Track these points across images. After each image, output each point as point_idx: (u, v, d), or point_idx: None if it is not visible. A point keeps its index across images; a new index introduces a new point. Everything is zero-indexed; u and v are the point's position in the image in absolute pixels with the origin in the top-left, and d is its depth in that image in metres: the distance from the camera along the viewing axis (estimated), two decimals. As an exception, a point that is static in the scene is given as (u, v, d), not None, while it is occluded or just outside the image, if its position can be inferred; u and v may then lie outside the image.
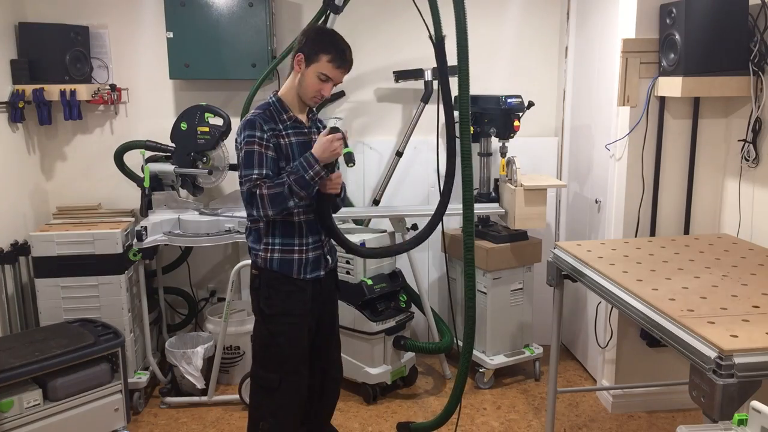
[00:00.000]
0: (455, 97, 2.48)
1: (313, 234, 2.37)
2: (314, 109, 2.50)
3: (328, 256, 2.46)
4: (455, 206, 3.81)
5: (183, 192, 3.53)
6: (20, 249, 3.28)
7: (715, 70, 2.73)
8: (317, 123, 2.49)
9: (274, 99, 2.35)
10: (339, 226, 3.59)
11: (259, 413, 2.42)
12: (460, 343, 3.63)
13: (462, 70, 2.46)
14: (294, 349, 2.37)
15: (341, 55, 2.28)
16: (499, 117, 3.37)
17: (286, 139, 2.30)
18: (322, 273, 2.41)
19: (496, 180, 3.58)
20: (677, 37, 2.73)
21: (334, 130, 2.25)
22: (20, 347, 2.70)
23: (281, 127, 2.30)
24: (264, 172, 2.21)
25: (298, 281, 2.35)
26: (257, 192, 2.17)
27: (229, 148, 3.53)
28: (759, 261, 2.42)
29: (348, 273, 3.29)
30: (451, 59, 3.74)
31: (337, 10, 3.26)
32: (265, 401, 2.39)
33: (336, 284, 2.60)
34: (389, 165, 3.77)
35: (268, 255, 2.33)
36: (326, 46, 2.26)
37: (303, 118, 2.39)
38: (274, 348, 2.36)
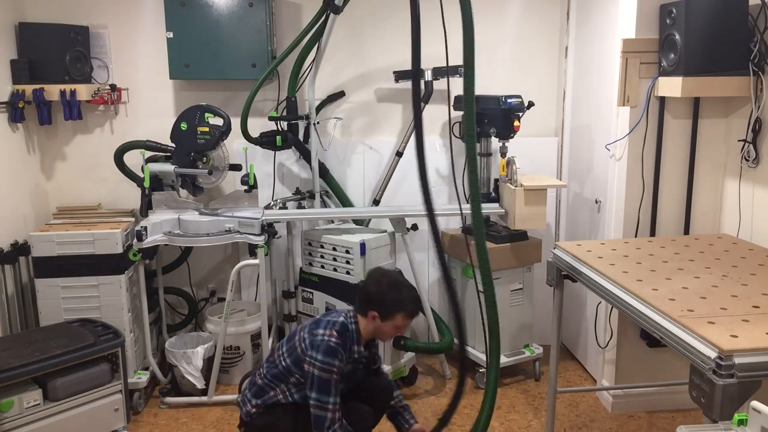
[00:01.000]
0: (456, 96, 2.43)
1: None
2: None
3: None
4: (455, 206, 3.81)
5: (183, 192, 3.53)
6: (20, 249, 3.28)
7: (715, 70, 2.73)
8: (371, 349, 2.57)
9: (353, 328, 2.42)
10: (339, 226, 3.63)
11: None
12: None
13: (468, 69, 2.40)
14: None
15: (416, 307, 2.45)
16: (499, 117, 3.37)
17: (345, 368, 2.41)
18: None
19: (496, 180, 3.58)
20: (677, 37, 2.73)
21: None
22: (20, 347, 2.70)
23: (348, 354, 2.40)
24: (338, 401, 2.32)
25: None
26: (331, 428, 2.29)
27: (229, 148, 3.54)
28: (759, 261, 2.42)
29: (348, 273, 3.29)
30: (453, 59, 3.74)
31: (337, 10, 3.26)
32: None
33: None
34: (389, 165, 3.77)
35: (254, 410, 2.45)
36: (401, 306, 2.39)
37: (364, 351, 2.49)
38: None
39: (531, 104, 3.40)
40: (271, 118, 3.55)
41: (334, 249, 3.34)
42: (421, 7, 2.45)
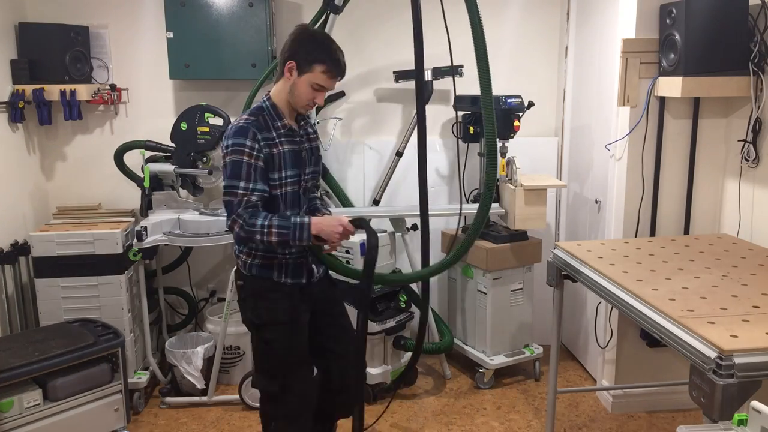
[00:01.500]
0: (456, 96, 2.42)
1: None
2: (305, 115, 2.38)
3: (314, 266, 2.39)
4: (455, 206, 3.81)
5: (183, 192, 3.53)
6: (20, 249, 3.28)
7: (715, 70, 2.73)
8: (307, 129, 2.38)
9: (268, 104, 2.22)
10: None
11: (269, 419, 2.40)
12: (460, 343, 3.66)
13: (483, 72, 2.40)
14: (291, 355, 2.32)
15: (336, 64, 2.18)
16: (499, 117, 3.36)
17: (280, 148, 2.19)
18: (304, 281, 2.34)
19: (497, 180, 3.57)
20: (677, 37, 2.73)
21: (358, 223, 2.23)
22: (20, 347, 2.70)
23: (275, 134, 2.18)
24: (250, 186, 2.11)
25: (282, 286, 2.29)
26: (230, 224, 2.12)
27: (229, 148, 3.54)
28: (759, 261, 2.42)
29: (348, 273, 3.29)
30: (454, 60, 3.73)
31: (337, 10, 3.26)
32: (271, 407, 2.37)
33: (331, 282, 2.52)
34: (389, 165, 3.77)
35: (249, 260, 2.29)
36: (321, 56, 2.15)
37: (294, 125, 2.28)
38: (271, 356, 2.33)
39: (531, 104, 3.40)
40: (271, 118, 3.55)
41: (334, 249, 3.34)
42: (422, 8, 2.45)
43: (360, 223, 2.27)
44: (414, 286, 3.59)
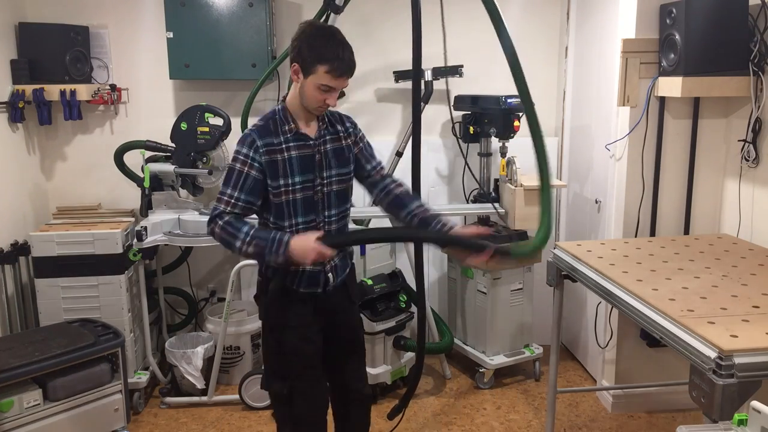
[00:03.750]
0: (456, 96, 2.39)
1: None
2: (331, 114, 2.26)
3: (330, 275, 2.26)
4: (454, 206, 3.82)
5: (183, 192, 3.53)
6: (20, 249, 3.28)
7: (715, 70, 2.73)
8: (335, 127, 2.24)
9: (279, 108, 2.17)
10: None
11: (280, 422, 2.39)
12: (460, 343, 3.66)
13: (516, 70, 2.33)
14: (299, 359, 2.27)
15: (340, 63, 2.03)
16: (499, 117, 3.37)
17: (285, 154, 2.11)
18: (319, 290, 2.26)
19: (496, 180, 3.58)
20: (677, 37, 2.73)
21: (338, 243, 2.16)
22: (20, 347, 2.70)
23: (281, 139, 2.12)
24: (235, 195, 2.09)
25: (295, 293, 2.24)
26: (212, 226, 2.09)
27: (229, 148, 3.54)
28: (759, 261, 2.42)
29: (348, 273, 3.28)
30: (452, 60, 3.73)
31: (338, 10, 3.26)
32: (283, 411, 2.34)
33: (350, 297, 2.40)
34: (389, 165, 3.76)
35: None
36: (322, 56, 2.01)
37: (309, 129, 2.17)
38: (279, 357, 2.29)
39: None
40: (271, 118, 3.55)
41: (334, 249, 3.34)
42: (422, 8, 2.45)
43: (338, 241, 2.19)
44: (414, 286, 3.59)
